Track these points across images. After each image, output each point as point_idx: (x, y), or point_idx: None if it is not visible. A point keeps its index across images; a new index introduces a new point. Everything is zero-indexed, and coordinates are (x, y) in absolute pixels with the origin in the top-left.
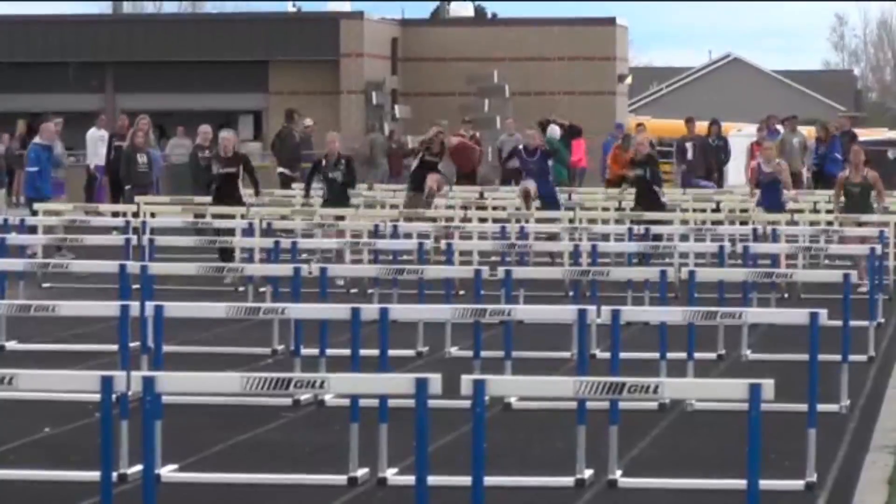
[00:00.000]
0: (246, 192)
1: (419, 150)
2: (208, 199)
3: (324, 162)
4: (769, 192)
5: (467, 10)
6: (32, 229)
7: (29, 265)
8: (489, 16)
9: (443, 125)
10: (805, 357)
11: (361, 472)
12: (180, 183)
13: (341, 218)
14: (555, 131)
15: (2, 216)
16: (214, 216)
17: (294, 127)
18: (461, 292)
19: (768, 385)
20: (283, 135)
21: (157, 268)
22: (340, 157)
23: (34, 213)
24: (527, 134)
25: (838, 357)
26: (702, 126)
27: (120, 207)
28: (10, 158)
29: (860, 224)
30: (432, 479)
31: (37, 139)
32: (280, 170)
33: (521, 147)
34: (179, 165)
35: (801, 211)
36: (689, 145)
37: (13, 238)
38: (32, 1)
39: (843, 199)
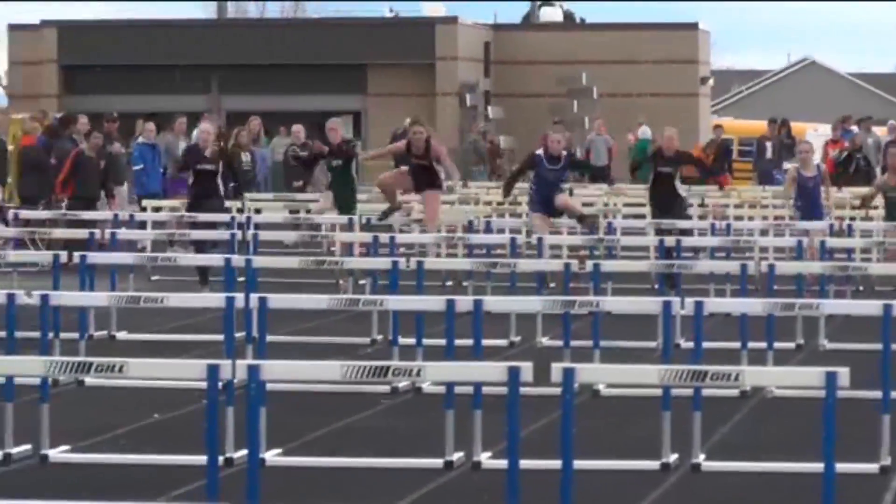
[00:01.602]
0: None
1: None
2: (308, 196)
3: (326, 150)
4: (808, 199)
5: (557, 15)
6: (142, 225)
7: (139, 259)
8: (578, 20)
9: (421, 125)
10: (879, 346)
11: (457, 457)
12: (284, 181)
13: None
14: (647, 132)
15: (120, 212)
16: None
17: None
18: (552, 285)
19: (844, 373)
20: (399, 137)
21: (260, 261)
22: (342, 145)
23: (143, 210)
24: (551, 139)
25: None
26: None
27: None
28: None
29: None
30: (524, 463)
31: (140, 139)
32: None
33: (539, 153)
34: (282, 164)
35: (875, 207)
36: (768, 144)
37: (123, 233)
38: (138, 1)
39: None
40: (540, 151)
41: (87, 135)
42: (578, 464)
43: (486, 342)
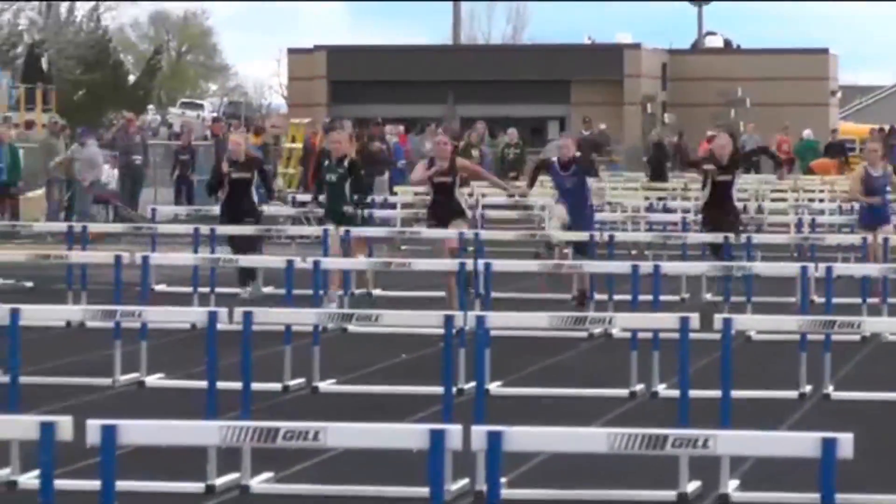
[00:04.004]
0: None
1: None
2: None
3: (326, 162)
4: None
5: (718, 42)
6: (393, 206)
7: (391, 232)
8: (735, 46)
9: (446, 135)
10: None
11: (639, 388)
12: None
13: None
14: (810, 134)
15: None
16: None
17: (585, 129)
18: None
19: None
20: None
21: (486, 235)
22: (343, 159)
23: (394, 194)
24: (561, 144)
25: None
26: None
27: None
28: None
29: None
30: (692, 393)
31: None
32: None
33: (554, 160)
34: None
35: None
36: None
37: (379, 212)
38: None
39: None
40: (555, 158)
41: (350, 136)
42: (735, 393)
43: (662, 297)
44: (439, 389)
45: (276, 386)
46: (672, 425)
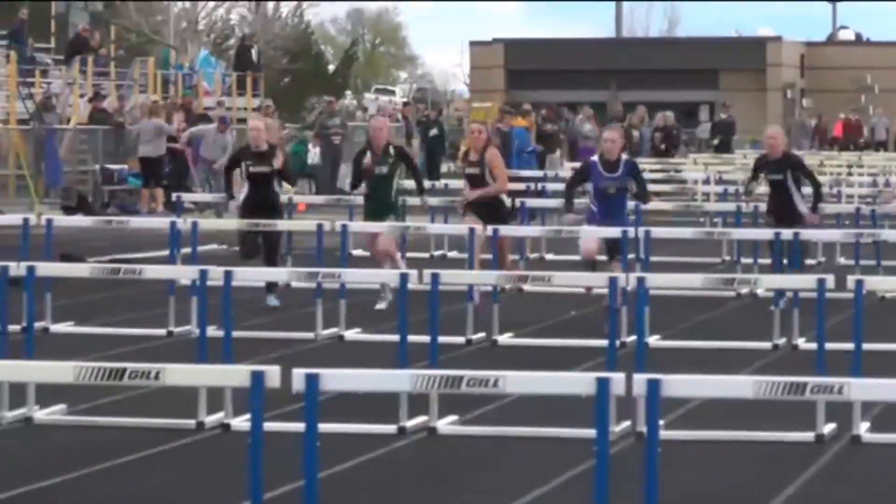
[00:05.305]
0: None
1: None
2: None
3: (368, 156)
4: None
5: (850, 35)
6: (563, 180)
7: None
8: (865, 39)
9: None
10: None
11: (781, 341)
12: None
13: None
14: None
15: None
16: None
17: (723, 112)
18: (846, 222)
19: None
20: (716, 121)
21: (649, 205)
22: (389, 147)
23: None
24: (606, 138)
25: None
26: None
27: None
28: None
29: None
30: (828, 345)
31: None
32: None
33: (594, 159)
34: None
35: None
36: None
37: (551, 185)
38: None
39: None
40: (595, 157)
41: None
42: (865, 346)
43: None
44: (604, 342)
45: (460, 339)
46: (810, 374)
